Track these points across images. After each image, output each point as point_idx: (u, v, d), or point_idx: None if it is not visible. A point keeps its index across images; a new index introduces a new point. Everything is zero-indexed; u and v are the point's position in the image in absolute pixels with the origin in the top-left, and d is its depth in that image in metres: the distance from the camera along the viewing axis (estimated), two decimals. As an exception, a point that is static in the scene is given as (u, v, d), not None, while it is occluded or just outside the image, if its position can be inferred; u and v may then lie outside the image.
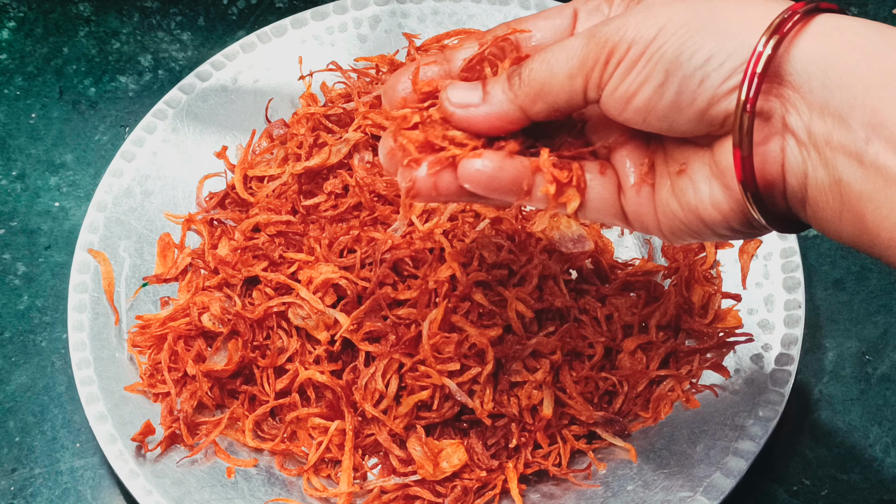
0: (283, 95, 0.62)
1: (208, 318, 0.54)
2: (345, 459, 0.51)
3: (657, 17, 0.36)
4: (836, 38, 0.34)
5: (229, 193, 0.59)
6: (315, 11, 0.64)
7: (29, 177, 0.64)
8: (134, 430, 0.51)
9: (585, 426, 0.52)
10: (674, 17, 0.36)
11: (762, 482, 0.53)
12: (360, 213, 0.56)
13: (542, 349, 0.51)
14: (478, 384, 0.51)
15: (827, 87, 0.33)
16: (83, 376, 0.53)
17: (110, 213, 0.58)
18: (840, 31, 0.34)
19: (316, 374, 0.52)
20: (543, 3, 0.63)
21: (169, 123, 0.61)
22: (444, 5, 0.64)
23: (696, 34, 0.35)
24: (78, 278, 0.56)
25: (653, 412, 0.52)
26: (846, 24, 0.34)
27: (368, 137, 0.58)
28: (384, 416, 0.51)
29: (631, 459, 0.51)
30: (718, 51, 0.35)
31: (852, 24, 0.34)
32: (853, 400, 0.55)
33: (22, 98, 0.67)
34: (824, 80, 0.33)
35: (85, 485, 0.55)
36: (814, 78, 0.34)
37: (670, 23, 0.36)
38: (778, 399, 0.51)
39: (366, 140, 0.58)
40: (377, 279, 0.53)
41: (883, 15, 0.68)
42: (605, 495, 0.50)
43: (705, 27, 0.35)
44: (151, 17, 0.70)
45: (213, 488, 0.51)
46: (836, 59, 0.33)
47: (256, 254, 0.55)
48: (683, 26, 0.35)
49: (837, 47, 0.34)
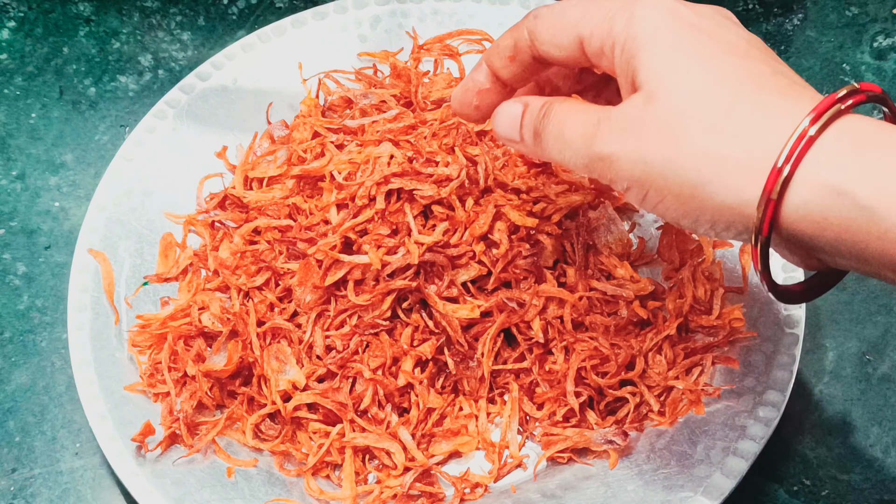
0: (284, 96, 0.62)
1: (208, 318, 0.54)
2: (346, 466, 0.51)
3: (642, 184, 0.39)
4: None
5: (228, 195, 0.59)
6: (315, 11, 0.64)
7: (29, 177, 0.64)
8: (134, 430, 0.51)
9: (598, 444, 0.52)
10: (659, 187, 0.38)
11: (762, 482, 0.53)
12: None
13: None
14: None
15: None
16: (83, 376, 0.53)
17: (110, 213, 0.58)
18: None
19: (304, 396, 0.52)
20: (544, 3, 0.63)
21: (169, 123, 0.61)
22: (444, 5, 0.64)
23: (688, 212, 0.38)
24: (78, 278, 0.56)
25: (669, 415, 0.52)
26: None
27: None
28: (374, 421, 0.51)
29: (628, 457, 0.51)
30: (718, 220, 0.38)
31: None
32: (853, 400, 0.55)
33: (22, 98, 0.67)
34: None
35: (85, 485, 0.55)
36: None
37: (654, 192, 0.39)
38: (778, 399, 0.51)
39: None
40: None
41: (883, 15, 0.68)
42: (605, 495, 0.50)
43: (694, 199, 0.38)
44: (151, 17, 0.70)
45: (213, 488, 0.51)
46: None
47: (259, 266, 0.55)
48: (673, 199, 0.38)
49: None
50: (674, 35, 0.38)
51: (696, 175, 0.37)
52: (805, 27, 0.68)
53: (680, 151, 0.37)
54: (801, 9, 0.69)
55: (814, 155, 0.35)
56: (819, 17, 0.68)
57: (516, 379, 0.53)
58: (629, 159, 0.38)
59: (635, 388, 0.53)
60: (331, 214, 0.53)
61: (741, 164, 0.36)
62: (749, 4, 0.69)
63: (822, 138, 0.35)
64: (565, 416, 0.52)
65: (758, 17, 0.68)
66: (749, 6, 0.69)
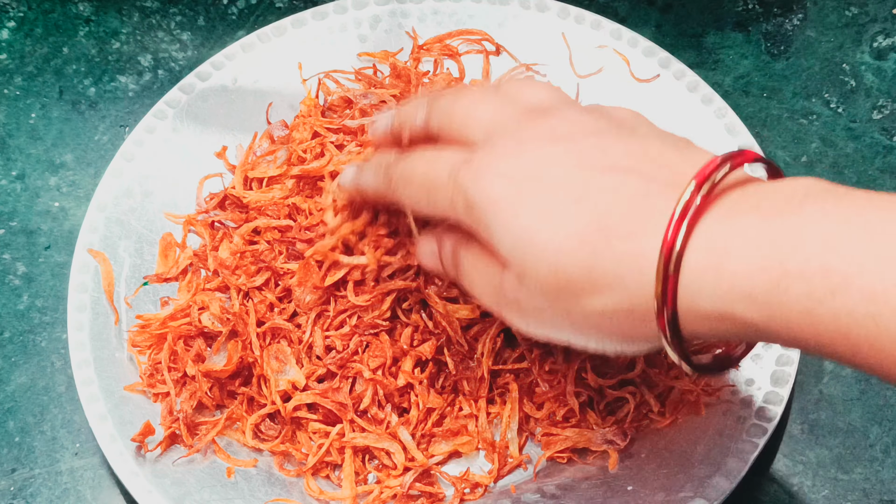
0: (284, 96, 0.62)
1: (208, 318, 0.54)
2: (346, 466, 0.51)
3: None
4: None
5: (228, 195, 0.59)
6: (315, 11, 0.64)
7: (29, 177, 0.64)
8: (134, 430, 0.51)
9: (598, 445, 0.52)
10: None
11: (762, 482, 0.53)
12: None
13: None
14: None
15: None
16: (83, 376, 0.53)
17: (110, 213, 0.58)
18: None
19: (303, 397, 0.52)
20: (543, 4, 0.63)
21: (169, 123, 0.61)
22: (444, 5, 0.64)
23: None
24: (78, 278, 0.56)
25: (669, 415, 0.52)
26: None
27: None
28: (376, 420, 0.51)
29: (628, 457, 0.51)
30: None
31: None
32: (853, 400, 0.55)
33: (22, 98, 0.67)
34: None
35: (85, 485, 0.55)
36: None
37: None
38: (778, 399, 0.51)
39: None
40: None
41: (883, 15, 0.68)
42: (605, 495, 0.50)
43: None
44: (151, 17, 0.70)
45: (213, 488, 0.51)
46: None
47: (259, 266, 0.55)
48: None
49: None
50: (512, 204, 0.39)
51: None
52: (805, 27, 0.68)
53: (569, 316, 0.39)
54: (801, 9, 0.69)
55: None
56: (819, 17, 0.68)
57: (516, 379, 0.53)
58: (527, 330, 0.42)
59: (635, 388, 0.52)
60: (327, 216, 0.53)
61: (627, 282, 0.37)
62: (749, 4, 0.69)
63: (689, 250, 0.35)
64: (565, 416, 0.52)
65: (758, 17, 0.68)
66: (749, 6, 0.69)
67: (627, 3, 0.69)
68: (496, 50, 0.63)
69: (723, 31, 0.68)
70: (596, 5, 0.67)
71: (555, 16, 0.63)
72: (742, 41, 0.68)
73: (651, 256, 0.35)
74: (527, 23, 0.63)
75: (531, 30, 0.63)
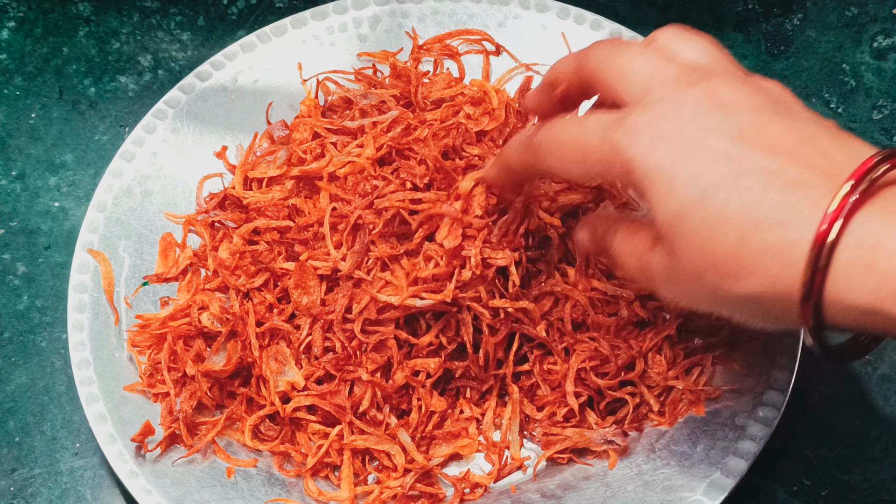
0: (284, 96, 0.62)
1: (207, 318, 0.54)
2: (344, 468, 0.51)
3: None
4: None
5: (228, 195, 0.59)
6: (315, 11, 0.64)
7: (29, 177, 0.64)
8: (134, 430, 0.51)
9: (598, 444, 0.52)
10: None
11: (762, 482, 0.53)
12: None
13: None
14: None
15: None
16: (83, 376, 0.53)
17: (110, 213, 0.58)
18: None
19: (303, 398, 0.52)
20: (543, 3, 0.63)
21: (169, 123, 0.61)
22: (444, 5, 0.64)
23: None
24: (78, 278, 0.56)
25: (669, 415, 0.52)
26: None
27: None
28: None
29: (628, 457, 0.51)
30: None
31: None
32: (853, 400, 0.55)
33: (22, 98, 0.67)
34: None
35: (85, 485, 0.55)
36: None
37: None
38: (778, 399, 0.51)
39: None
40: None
41: (883, 15, 0.68)
42: (605, 495, 0.50)
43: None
44: (151, 17, 0.70)
45: (212, 488, 0.51)
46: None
47: (258, 267, 0.55)
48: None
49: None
50: (669, 177, 0.39)
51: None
52: (805, 27, 0.68)
53: (715, 295, 0.39)
54: (800, 9, 0.69)
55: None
56: (819, 17, 0.68)
57: (516, 381, 0.53)
58: (675, 300, 0.42)
59: (635, 388, 0.52)
60: (324, 228, 0.53)
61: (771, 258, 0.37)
62: (749, 4, 0.69)
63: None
64: (565, 417, 0.52)
65: (758, 17, 0.68)
66: (749, 6, 0.69)
67: (627, 3, 0.69)
68: (496, 50, 0.63)
69: (723, 31, 0.68)
70: (596, 5, 0.67)
71: (555, 16, 0.63)
72: (742, 41, 0.68)
73: (801, 247, 0.35)
74: (527, 23, 0.63)
75: (531, 30, 0.63)
